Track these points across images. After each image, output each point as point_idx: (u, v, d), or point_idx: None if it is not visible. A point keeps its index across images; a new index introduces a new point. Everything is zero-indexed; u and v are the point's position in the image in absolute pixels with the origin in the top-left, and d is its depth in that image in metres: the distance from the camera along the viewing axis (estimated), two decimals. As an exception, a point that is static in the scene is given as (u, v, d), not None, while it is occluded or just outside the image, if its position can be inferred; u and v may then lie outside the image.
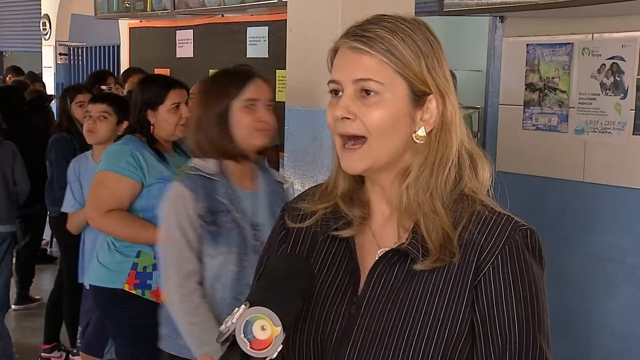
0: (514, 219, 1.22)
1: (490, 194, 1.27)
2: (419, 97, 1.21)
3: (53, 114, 6.53)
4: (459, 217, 1.21)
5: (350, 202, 1.29)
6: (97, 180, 3.07)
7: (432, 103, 1.22)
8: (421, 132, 1.22)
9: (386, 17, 1.24)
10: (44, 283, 5.89)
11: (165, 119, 3.11)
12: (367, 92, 1.20)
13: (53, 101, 6.96)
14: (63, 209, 3.79)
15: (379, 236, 1.28)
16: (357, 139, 1.21)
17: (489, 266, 1.19)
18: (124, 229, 3.01)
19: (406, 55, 1.19)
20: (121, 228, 3.01)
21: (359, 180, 1.30)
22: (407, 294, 1.21)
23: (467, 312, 1.19)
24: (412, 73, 1.20)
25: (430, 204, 1.20)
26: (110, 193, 3.01)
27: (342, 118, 1.20)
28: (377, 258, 1.25)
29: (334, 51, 1.26)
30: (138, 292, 3.06)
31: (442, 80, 1.22)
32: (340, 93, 1.22)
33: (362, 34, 1.21)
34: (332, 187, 1.31)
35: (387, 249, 1.24)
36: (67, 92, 4.80)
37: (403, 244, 1.22)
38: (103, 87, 5.09)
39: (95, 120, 3.77)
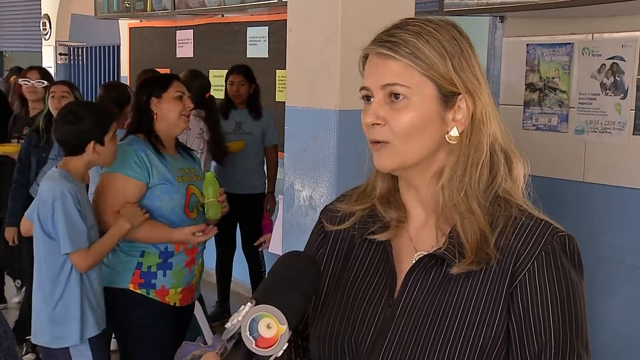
0: (551, 224, 1.22)
1: (525, 194, 1.26)
2: (448, 98, 1.21)
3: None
4: (495, 221, 1.21)
5: (387, 204, 1.30)
6: (104, 182, 3.08)
7: (463, 103, 1.22)
8: (454, 132, 1.22)
9: (412, 20, 1.24)
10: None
11: (170, 108, 3.13)
12: (396, 96, 1.20)
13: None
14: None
15: (416, 239, 1.28)
16: (385, 142, 1.22)
17: (525, 272, 1.18)
18: (141, 230, 3.01)
19: (431, 57, 1.19)
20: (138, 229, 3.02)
21: (397, 183, 1.31)
22: (442, 298, 1.21)
23: (502, 317, 1.18)
24: (438, 74, 1.20)
25: (466, 204, 1.20)
26: (117, 194, 3.01)
27: (372, 124, 1.22)
28: (413, 262, 1.25)
29: (364, 57, 1.26)
30: (143, 291, 3.07)
31: (472, 80, 1.22)
32: (371, 99, 1.23)
33: (387, 39, 1.21)
34: (371, 189, 1.33)
35: (424, 253, 1.24)
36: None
37: (440, 248, 1.22)
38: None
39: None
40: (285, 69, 3.08)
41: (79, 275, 2.89)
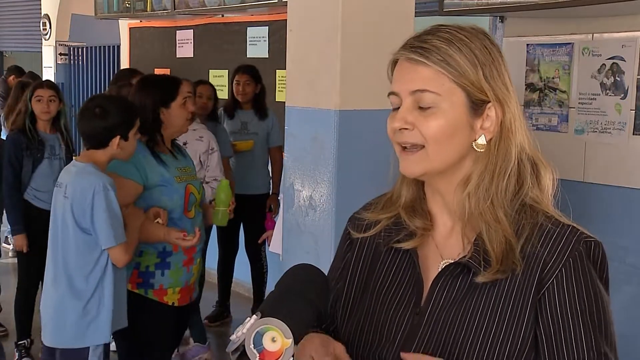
0: (578, 230, 1.21)
1: (553, 202, 1.26)
2: (477, 106, 1.21)
3: None
4: (521, 229, 1.20)
5: (412, 213, 1.29)
6: None
7: (492, 111, 1.21)
8: (481, 140, 1.22)
9: (444, 27, 1.23)
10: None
11: (178, 115, 3.12)
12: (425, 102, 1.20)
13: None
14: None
15: (442, 247, 1.28)
16: (415, 145, 1.21)
17: (553, 279, 1.17)
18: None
19: (462, 64, 1.19)
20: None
21: (422, 191, 1.31)
22: (469, 306, 1.20)
23: (529, 325, 1.18)
24: (469, 82, 1.19)
25: (492, 212, 1.20)
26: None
27: (400, 129, 1.21)
28: (439, 270, 1.25)
29: (394, 63, 1.25)
30: (141, 291, 3.06)
31: (501, 88, 1.21)
32: (400, 107, 1.22)
33: (418, 44, 1.21)
34: (396, 197, 1.32)
35: (450, 261, 1.24)
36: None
37: (465, 256, 1.21)
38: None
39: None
40: (285, 69, 3.08)
41: (113, 271, 2.87)
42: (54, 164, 4.47)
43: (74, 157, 4.41)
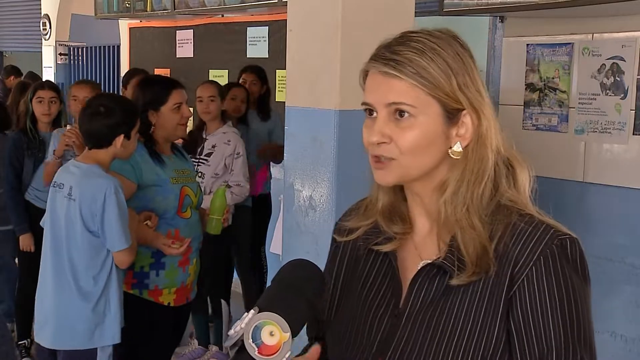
0: (552, 227, 1.20)
1: (532, 199, 1.25)
2: (452, 115, 1.20)
3: None
4: (495, 230, 1.20)
5: (389, 219, 1.29)
6: None
7: (467, 118, 1.21)
8: (457, 147, 1.22)
9: (414, 35, 1.21)
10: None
11: (168, 119, 3.11)
12: (401, 113, 1.19)
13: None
14: None
15: (421, 249, 1.28)
16: (389, 159, 1.21)
17: (524, 277, 1.17)
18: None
19: (436, 76, 1.18)
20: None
21: (400, 195, 1.31)
22: (445, 307, 1.21)
23: (502, 324, 1.18)
24: (443, 94, 1.19)
25: (468, 219, 1.20)
26: None
27: (378, 143, 1.21)
28: (417, 271, 1.26)
29: (365, 72, 1.25)
30: (135, 291, 3.06)
31: (475, 95, 1.21)
32: (374, 113, 1.22)
33: (391, 57, 1.20)
34: (374, 202, 1.32)
35: (427, 262, 1.25)
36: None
37: (439, 257, 1.22)
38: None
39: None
40: (285, 69, 3.08)
41: (118, 272, 2.88)
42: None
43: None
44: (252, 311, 1.08)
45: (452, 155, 1.22)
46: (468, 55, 1.23)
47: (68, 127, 4.13)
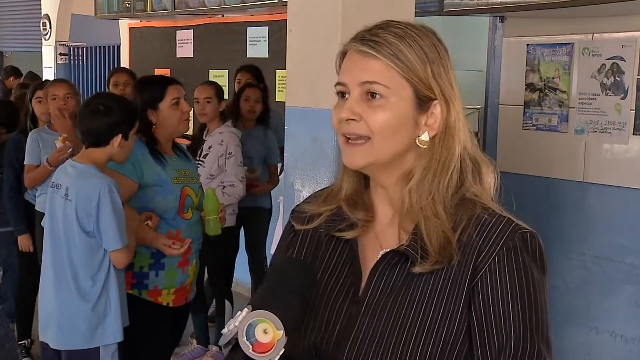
0: (514, 222, 1.23)
1: (495, 198, 1.27)
2: (423, 102, 1.23)
3: None
4: (459, 220, 1.22)
5: (353, 206, 1.31)
6: None
7: (437, 108, 1.23)
8: (424, 136, 1.24)
9: (395, 22, 1.25)
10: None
11: (167, 116, 3.11)
12: (373, 94, 1.21)
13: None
14: None
15: (382, 237, 1.29)
16: (361, 137, 1.23)
17: (487, 267, 1.19)
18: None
19: (412, 60, 1.21)
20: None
21: (364, 184, 1.32)
22: (406, 295, 1.22)
23: (463, 312, 1.20)
24: (417, 78, 1.21)
25: (432, 208, 1.22)
26: None
27: (347, 120, 1.22)
28: (377, 259, 1.26)
29: (343, 54, 1.27)
30: (135, 292, 3.06)
31: (447, 86, 1.24)
32: (346, 95, 1.24)
33: (370, 38, 1.23)
34: (337, 190, 1.33)
35: (388, 250, 1.26)
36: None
37: (402, 245, 1.23)
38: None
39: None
40: (285, 69, 3.08)
41: (118, 271, 2.87)
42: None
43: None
44: (245, 309, 1.09)
45: (419, 145, 1.24)
46: (443, 49, 1.26)
47: (60, 138, 4.11)
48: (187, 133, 3.50)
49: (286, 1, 3.06)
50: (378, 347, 1.21)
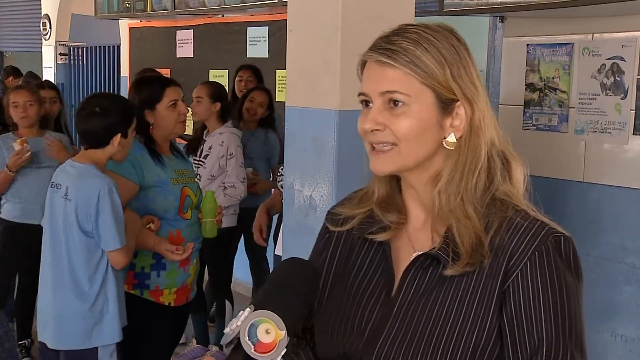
0: (547, 225, 1.22)
1: (526, 196, 1.27)
2: (446, 105, 1.23)
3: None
4: (490, 223, 1.21)
5: (385, 209, 1.31)
6: None
7: (461, 109, 1.23)
8: (451, 138, 1.24)
9: (411, 27, 1.25)
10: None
11: (165, 117, 3.12)
12: (395, 102, 1.22)
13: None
14: None
15: (415, 240, 1.29)
16: (387, 143, 1.23)
17: (518, 271, 1.19)
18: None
19: (430, 65, 1.21)
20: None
21: (396, 187, 1.33)
22: (437, 298, 1.22)
23: (494, 317, 1.19)
24: (437, 82, 1.21)
25: (462, 209, 1.21)
26: None
27: (372, 130, 1.23)
28: (410, 261, 1.27)
29: (363, 63, 1.28)
30: (136, 292, 3.06)
31: (469, 86, 1.23)
32: (370, 104, 1.24)
33: (386, 46, 1.23)
34: (371, 193, 1.34)
35: (420, 253, 1.26)
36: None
37: (434, 248, 1.23)
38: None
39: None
40: (285, 69, 3.08)
41: (116, 272, 2.87)
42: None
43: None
44: (247, 309, 1.09)
45: (446, 146, 1.24)
46: (463, 49, 1.25)
47: (18, 141, 4.08)
48: (185, 133, 3.50)
49: (286, 1, 3.06)
50: (408, 348, 1.21)
